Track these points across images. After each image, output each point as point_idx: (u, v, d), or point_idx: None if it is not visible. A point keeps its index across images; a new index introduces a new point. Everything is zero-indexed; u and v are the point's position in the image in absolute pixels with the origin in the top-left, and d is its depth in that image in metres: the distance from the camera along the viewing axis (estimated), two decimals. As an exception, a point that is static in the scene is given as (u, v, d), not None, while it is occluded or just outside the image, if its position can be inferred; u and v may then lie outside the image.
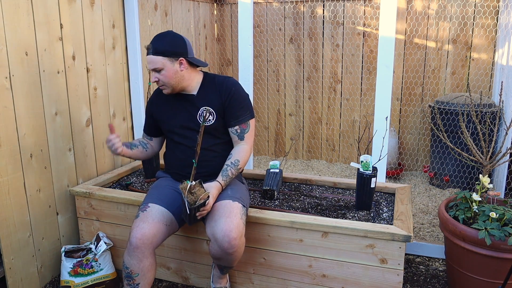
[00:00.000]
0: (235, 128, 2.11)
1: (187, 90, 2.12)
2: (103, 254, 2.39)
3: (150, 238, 1.91)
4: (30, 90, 2.23)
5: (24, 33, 2.17)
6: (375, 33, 4.02)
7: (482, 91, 3.74)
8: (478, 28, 3.72)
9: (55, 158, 2.42)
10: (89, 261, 2.35)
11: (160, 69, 2.01)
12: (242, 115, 2.11)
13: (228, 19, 4.50)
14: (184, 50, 2.04)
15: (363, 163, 2.27)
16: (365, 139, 4.24)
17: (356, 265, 2.05)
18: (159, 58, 2.00)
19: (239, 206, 1.97)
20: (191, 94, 2.12)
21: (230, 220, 1.86)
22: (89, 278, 2.35)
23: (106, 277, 2.39)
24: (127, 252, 1.91)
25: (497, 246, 1.95)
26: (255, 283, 2.27)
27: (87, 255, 2.37)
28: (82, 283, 2.33)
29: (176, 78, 2.04)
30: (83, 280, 2.33)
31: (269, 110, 4.55)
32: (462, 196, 2.22)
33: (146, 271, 1.93)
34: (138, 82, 3.00)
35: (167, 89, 2.07)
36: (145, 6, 3.18)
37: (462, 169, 3.48)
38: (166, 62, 2.00)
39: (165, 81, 2.03)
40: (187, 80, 2.08)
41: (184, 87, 2.10)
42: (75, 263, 2.33)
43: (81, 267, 2.34)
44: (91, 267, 2.36)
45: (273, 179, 2.53)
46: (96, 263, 2.37)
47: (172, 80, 2.03)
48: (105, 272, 2.39)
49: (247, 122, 2.12)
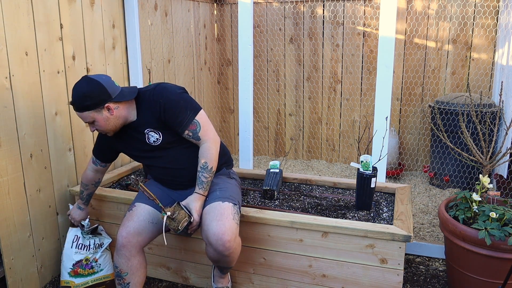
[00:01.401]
0: (186, 133, 1.97)
1: (128, 121, 2.01)
2: (103, 254, 2.39)
3: (135, 236, 1.93)
4: (30, 90, 2.23)
5: (24, 33, 2.17)
6: (375, 33, 4.02)
7: (482, 91, 3.74)
8: (478, 28, 3.72)
9: (55, 158, 2.42)
10: (89, 262, 2.35)
11: (92, 121, 1.92)
12: (184, 118, 1.95)
13: (228, 19, 4.50)
14: (105, 96, 1.88)
15: (363, 163, 2.27)
16: (365, 139, 4.24)
17: (356, 265, 2.05)
18: (85, 114, 1.89)
19: (230, 206, 1.93)
20: (131, 121, 2.01)
21: (222, 223, 1.84)
22: (89, 279, 2.35)
23: (106, 277, 2.39)
24: (116, 251, 1.95)
25: (497, 246, 1.95)
26: (255, 283, 2.27)
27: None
28: (83, 283, 2.33)
29: (110, 123, 1.94)
30: (83, 280, 2.33)
31: (269, 110, 4.55)
32: (462, 196, 2.22)
33: (135, 270, 1.95)
34: (138, 82, 3.00)
35: (110, 133, 1.99)
36: (145, 6, 3.18)
37: (462, 169, 3.48)
38: (93, 115, 1.90)
39: (103, 129, 1.96)
40: (123, 117, 1.97)
41: (124, 122, 2.00)
42: (74, 264, 2.33)
43: (81, 268, 2.33)
44: (91, 268, 2.35)
45: (273, 179, 2.53)
46: (96, 263, 2.36)
47: (107, 126, 1.94)
48: (105, 273, 2.39)
49: (194, 121, 1.96)
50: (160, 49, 3.40)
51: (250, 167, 3.02)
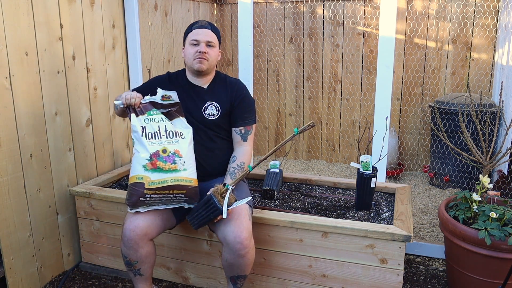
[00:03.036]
0: (239, 129, 2.14)
1: (202, 81, 2.13)
2: (189, 149, 1.92)
3: (144, 229, 1.92)
4: (30, 90, 2.23)
5: (24, 33, 2.17)
6: (375, 33, 4.02)
7: (482, 91, 3.74)
8: (478, 28, 3.72)
9: (55, 158, 2.42)
10: (170, 154, 1.88)
11: (214, 45, 2.06)
12: (249, 118, 2.15)
13: (228, 19, 4.50)
14: None
15: (363, 163, 2.27)
16: (365, 139, 4.24)
17: (356, 265, 2.05)
18: (215, 37, 2.08)
19: (246, 207, 1.99)
20: (202, 86, 2.14)
21: (239, 222, 1.89)
22: (169, 177, 1.85)
23: (189, 181, 1.90)
24: (123, 243, 1.94)
25: (497, 246, 1.95)
26: (255, 283, 2.27)
27: None
28: (160, 181, 1.84)
29: (215, 61, 2.11)
30: (161, 177, 1.84)
31: (269, 110, 4.55)
32: (462, 196, 2.22)
33: (144, 258, 1.97)
34: (138, 82, 3.00)
35: (205, 66, 2.05)
36: (145, 6, 3.18)
37: (462, 169, 3.48)
38: (217, 43, 2.10)
39: (211, 58, 2.06)
40: (212, 71, 2.14)
41: (207, 75, 2.12)
42: (152, 155, 1.86)
43: (161, 160, 1.86)
44: (173, 162, 1.87)
45: (273, 179, 2.53)
46: (180, 159, 1.88)
47: (214, 61, 2.09)
48: (189, 175, 1.91)
49: (252, 126, 2.17)
50: (160, 49, 3.40)
51: (250, 167, 3.02)
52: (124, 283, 2.46)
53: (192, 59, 2.04)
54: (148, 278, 2.06)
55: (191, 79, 2.14)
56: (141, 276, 2.03)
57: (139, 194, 1.85)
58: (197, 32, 2.04)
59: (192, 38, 2.04)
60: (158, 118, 1.94)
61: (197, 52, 2.02)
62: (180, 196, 1.91)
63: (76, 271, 2.59)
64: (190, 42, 2.05)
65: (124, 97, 1.93)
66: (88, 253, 2.60)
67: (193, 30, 2.06)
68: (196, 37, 2.03)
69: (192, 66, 2.05)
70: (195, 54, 2.02)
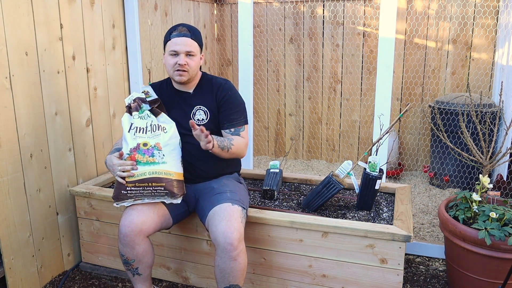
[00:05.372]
0: (229, 130, 2.09)
1: (187, 87, 2.11)
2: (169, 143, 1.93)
3: (139, 225, 1.91)
4: (30, 90, 2.23)
5: (24, 33, 2.17)
6: (375, 33, 4.02)
7: (482, 91, 3.74)
8: (478, 28, 3.72)
9: (55, 158, 2.42)
10: (150, 148, 1.90)
11: (193, 54, 2.00)
12: (236, 119, 2.09)
13: (228, 19, 4.50)
14: (202, 42, 2.09)
15: (370, 164, 2.27)
16: (365, 139, 4.24)
17: (356, 265, 2.05)
18: (195, 44, 2.01)
19: (239, 209, 1.96)
20: (187, 92, 2.12)
21: (230, 223, 1.86)
22: (147, 169, 1.87)
23: (168, 174, 1.90)
24: (119, 241, 1.94)
25: (497, 246, 1.95)
26: (255, 283, 2.27)
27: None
28: (138, 173, 1.87)
29: (197, 69, 2.06)
30: (139, 170, 1.88)
31: (269, 110, 4.55)
32: (462, 196, 2.22)
33: (142, 257, 1.96)
34: (138, 82, 3.00)
35: (186, 77, 2.01)
36: (145, 6, 3.18)
37: (462, 169, 3.48)
38: (198, 51, 2.03)
39: (191, 68, 2.01)
40: (196, 76, 2.09)
41: (189, 82, 2.08)
42: (132, 149, 1.90)
43: (140, 153, 1.88)
44: (152, 156, 1.89)
45: (273, 179, 2.53)
46: (159, 152, 1.90)
47: (195, 69, 2.04)
48: (169, 168, 1.91)
49: (242, 127, 2.11)
50: (160, 49, 3.40)
51: (250, 167, 3.02)
52: (124, 283, 2.46)
53: (172, 70, 2.01)
54: (147, 279, 2.06)
55: (176, 86, 2.13)
56: (140, 276, 2.03)
57: (121, 187, 1.91)
58: (176, 42, 1.97)
59: (171, 48, 1.98)
60: (146, 114, 2.00)
61: (176, 64, 1.98)
62: (160, 189, 1.91)
63: (76, 271, 2.59)
64: (169, 52, 1.99)
65: (115, 171, 1.91)
66: (88, 253, 2.60)
67: (172, 39, 1.98)
68: (174, 48, 1.97)
69: (173, 77, 2.05)
70: (175, 66, 1.99)
